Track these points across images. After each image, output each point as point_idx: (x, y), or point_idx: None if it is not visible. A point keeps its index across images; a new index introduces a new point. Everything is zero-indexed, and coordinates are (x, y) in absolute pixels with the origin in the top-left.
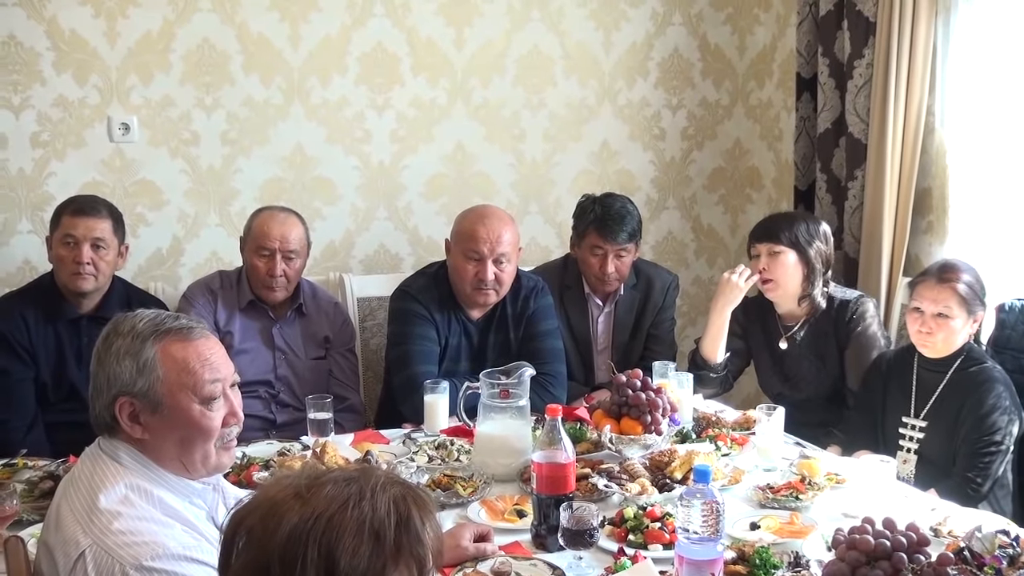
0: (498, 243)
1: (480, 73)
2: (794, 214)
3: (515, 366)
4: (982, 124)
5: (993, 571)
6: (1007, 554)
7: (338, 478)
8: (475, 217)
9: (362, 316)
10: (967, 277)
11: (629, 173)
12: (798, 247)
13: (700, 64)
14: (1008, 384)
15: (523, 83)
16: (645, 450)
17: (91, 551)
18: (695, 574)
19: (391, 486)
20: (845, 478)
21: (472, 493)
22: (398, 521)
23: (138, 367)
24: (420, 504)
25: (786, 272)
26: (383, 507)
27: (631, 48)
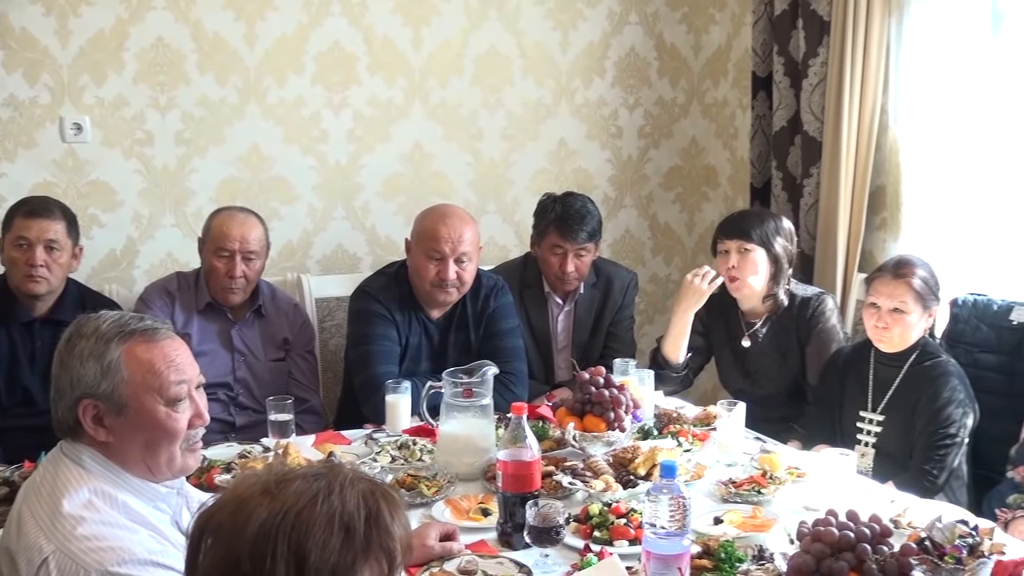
0: (459, 242)
1: (438, 72)
2: (762, 212)
3: (478, 365)
4: (935, 122)
5: (953, 560)
6: (967, 543)
7: (306, 474)
8: (436, 216)
9: (321, 317)
10: (922, 272)
11: (586, 172)
12: (767, 245)
13: (656, 63)
14: (962, 378)
15: (481, 82)
16: (608, 447)
17: (54, 557)
18: (662, 569)
19: (359, 481)
20: (806, 472)
21: (436, 492)
22: (368, 515)
23: (102, 369)
24: (389, 499)
25: (755, 270)
26: (352, 501)
27: (588, 47)
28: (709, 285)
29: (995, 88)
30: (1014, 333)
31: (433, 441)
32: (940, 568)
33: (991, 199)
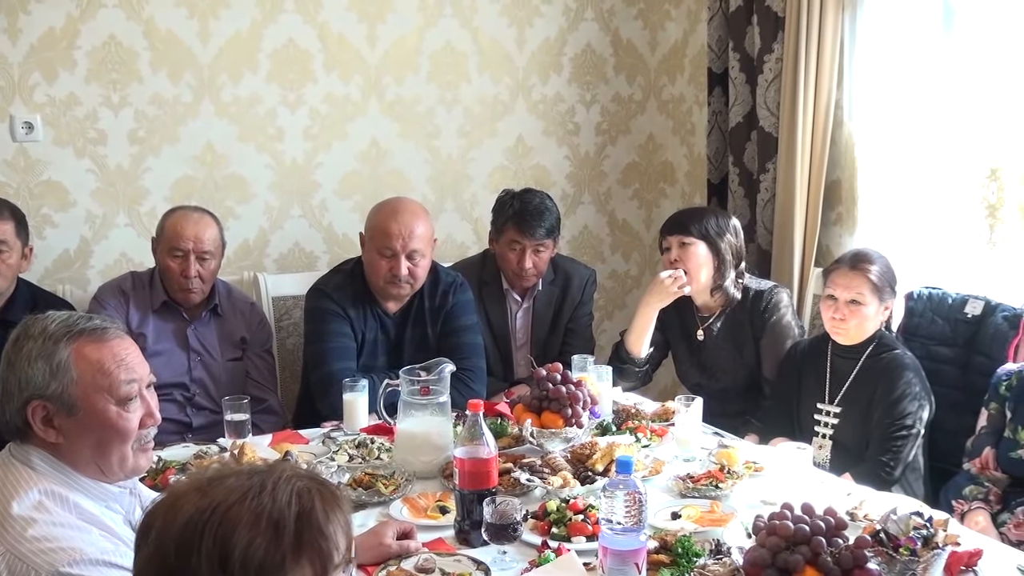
0: (411, 238)
1: (393, 70)
2: (703, 208)
3: (435, 362)
4: (889, 116)
5: (908, 552)
6: (921, 535)
7: (243, 471)
8: (388, 212)
9: (278, 315)
10: (879, 265)
11: (544, 168)
12: (708, 239)
13: (613, 59)
14: (918, 370)
15: (437, 79)
16: (566, 443)
17: (5, 559)
18: (619, 564)
19: (297, 479)
20: (763, 466)
21: (394, 491)
22: (299, 513)
23: (51, 369)
24: (326, 498)
25: (697, 263)
26: (284, 499)
27: (544, 44)
28: (679, 289)
29: (947, 83)
30: (968, 326)
31: (391, 439)
32: (895, 560)
33: (945, 193)
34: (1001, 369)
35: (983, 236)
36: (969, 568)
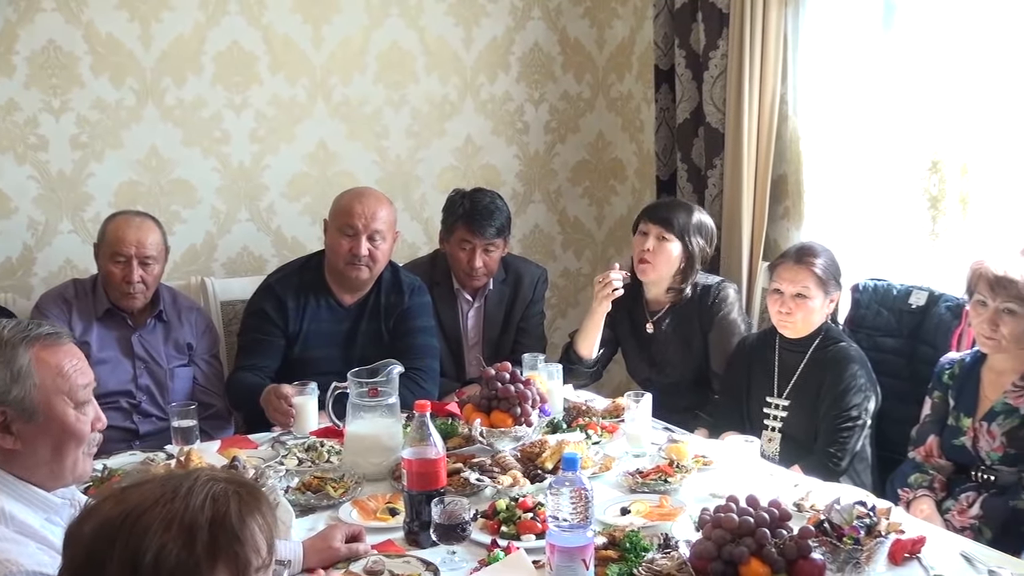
0: (373, 219)
1: (340, 71)
2: (691, 206)
3: (383, 364)
4: (832, 111)
5: (852, 541)
6: (864, 524)
7: (160, 478)
8: (352, 195)
9: (226, 320)
10: (823, 258)
11: (494, 168)
12: (685, 240)
13: (561, 58)
14: (864, 362)
15: (384, 80)
16: (516, 442)
17: None
18: (567, 561)
19: (214, 482)
20: (712, 460)
21: (343, 494)
22: (213, 517)
23: (12, 375)
24: (244, 500)
25: (668, 260)
26: (197, 503)
27: (491, 43)
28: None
29: (888, 77)
30: (913, 316)
31: (340, 442)
32: (839, 549)
33: (888, 186)
34: (944, 358)
35: (926, 228)
36: (913, 555)
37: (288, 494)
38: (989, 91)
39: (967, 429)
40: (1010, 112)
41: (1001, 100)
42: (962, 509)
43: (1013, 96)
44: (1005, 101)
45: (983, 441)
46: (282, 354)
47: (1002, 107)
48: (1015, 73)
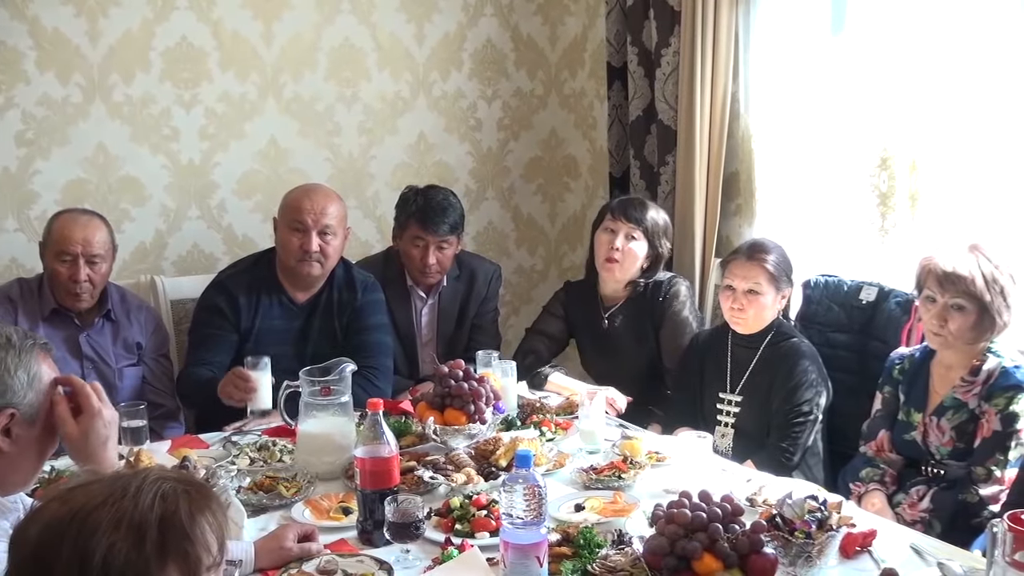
0: (323, 215)
1: (291, 67)
2: (658, 207)
3: (336, 362)
4: (783, 109)
5: (803, 535)
6: (816, 518)
7: (108, 477)
8: (301, 192)
9: (177, 319)
10: (775, 254)
11: (447, 165)
12: (653, 241)
13: (513, 55)
14: (815, 357)
15: (335, 77)
16: (470, 440)
17: None
18: (520, 558)
19: (163, 481)
20: (666, 455)
21: (296, 493)
22: (162, 516)
23: (29, 379)
24: (193, 499)
25: (635, 259)
26: (146, 502)
27: (444, 39)
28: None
29: (838, 75)
30: (863, 312)
31: (293, 441)
32: (791, 543)
33: (839, 183)
34: (894, 353)
35: (876, 224)
36: (864, 548)
37: (240, 494)
38: (937, 89)
39: (917, 424)
40: (958, 109)
41: (949, 98)
42: (912, 503)
43: (961, 93)
44: (953, 99)
45: (933, 436)
46: (234, 350)
47: (950, 104)
48: (963, 71)
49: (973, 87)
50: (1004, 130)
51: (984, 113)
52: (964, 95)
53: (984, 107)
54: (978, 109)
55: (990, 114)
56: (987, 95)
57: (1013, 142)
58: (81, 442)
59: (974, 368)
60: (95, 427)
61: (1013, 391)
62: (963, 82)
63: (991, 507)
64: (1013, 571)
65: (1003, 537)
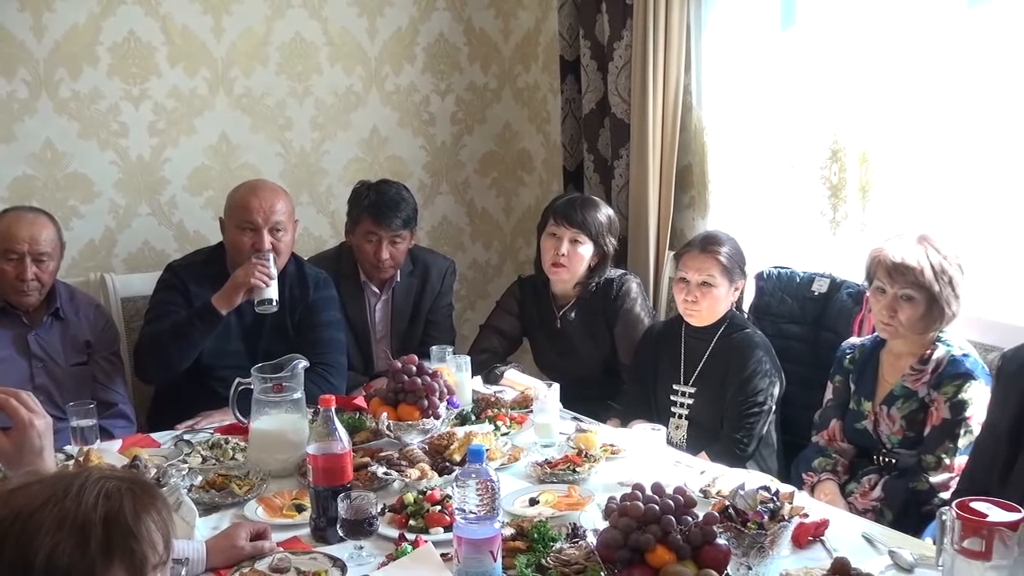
0: (272, 212)
1: (241, 62)
2: (600, 203)
3: (288, 359)
4: (735, 102)
5: (756, 526)
6: (768, 509)
7: (49, 477)
8: (247, 190)
9: (127, 317)
10: (728, 247)
11: (400, 159)
12: (598, 242)
13: (466, 48)
14: (768, 348)
15: (287, 71)
16: (424, 435)
17: None
18: (474, 553)
19: (106, 480)
20: (621, 448)
21: (248, 491)
22: (107, 515)
23: None
24: (138, 497)
25: (581, 262)
26: (90, 501)
27: (396, 34)
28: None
29: (789, 68)
30: (816, 303)
31: (245, 439)
32: (743, 534)
33: (791, 175)
34: (845, 343)
35: (827, 215)
36: (816, 538)
37: (192, 492)
38: (886, 81)
39: (868, 413)
40: (907, 101)
41: (898, 90)
42: (864, 491)
43: (909, 86)
44: (902, 91)
45: (883, 425)
46: None
47: (899, 96)
48: (911, 64)
49: (921, 79)
50: (952, 121)
51: (932, 105)
52: (912, 87)
53: (932, 99)
54: (926, 101)
55: (938, 106)
56: (935, 87)
57: (961, 133)
58: (15, 455)
59: (923, 357)
60: (29, 438)
61: (962, 379)
62: (911, 75)
63: (941, 495)
64: (962, 558)
65: (952, 524)
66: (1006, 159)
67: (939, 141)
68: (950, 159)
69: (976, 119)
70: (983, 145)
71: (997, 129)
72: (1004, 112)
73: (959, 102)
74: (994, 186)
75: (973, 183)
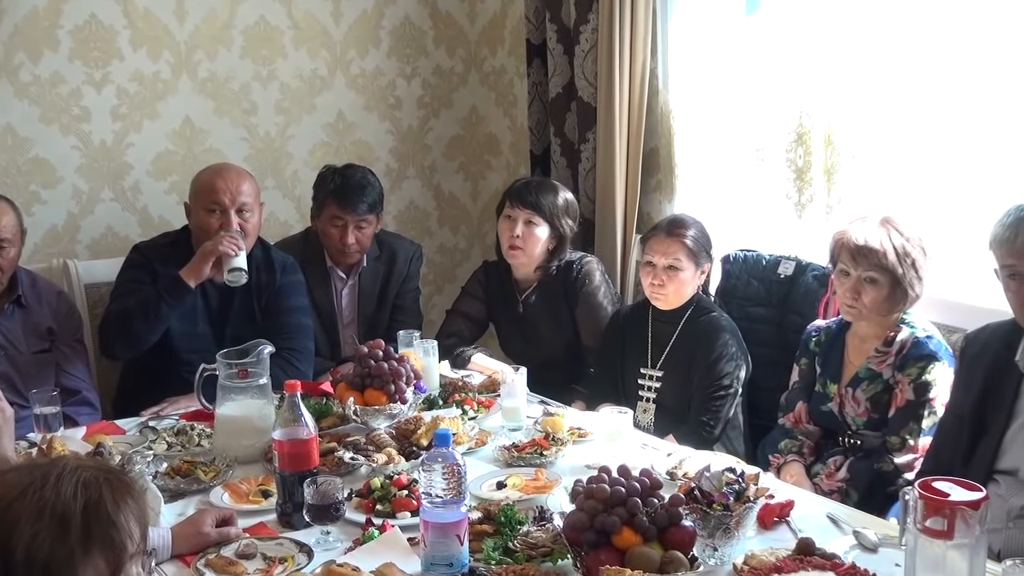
0: (238, 192)
1: (205, 45)
2: (556, 186)
3: (253, 344)
4: (702, 85)
5: (721, 507)
6: (733, 490)
7: (24, 466)
8: (212, 172)
9: (91, 303)
10: (694, 230)
11: (367, 144)
12: (554, 223)
13: (432, 32)
14: (734, 332)
15: (251, 55)
16: (391, 420)
17: None
18: (440, 537)
19: (83, 470)
20: (588, 431)
21: (214, 477)
22: (86, 505)
23: None
24: (115, 487)
25: (537, 244)
26: (69, 491)
27: (361, 17)
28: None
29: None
30: (782, 286)
31: (211, 425)
32: (709, 516)
33: (757, 158)
34: (811, 325)
35: (792, 198)
36: (782, 519)
37: (157, 479)
38: (850, 65)
39: (833, 395)
40: (870, 84)
41: (862, 73)
42: (830, 473)
43: (873, 69)
44: (865, 74)
45: (848, 407)
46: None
47: (863, 79)
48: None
49: (884, 62)
50: (915, 104)
51: (895, 87)
52: (875, 70)
53: (895, 81)
54: (889, 84)
55: (901, 88)
56: (897, 70)
57: (924, 115)
58: None
59: (888, 339)
60: None
61: (926, 361)
62: (874, 58)
63: (906, 475)
64: (924, 537)
65: (915, 504)
66: (969, 141)
67: (903, 124)
68: (914, 142)
69: (939, 101)
70: (946, 127)
71: (959, 111)
72: (966, 94)
73: (922, 85)
74: (957, 168)
75: (936, 165)
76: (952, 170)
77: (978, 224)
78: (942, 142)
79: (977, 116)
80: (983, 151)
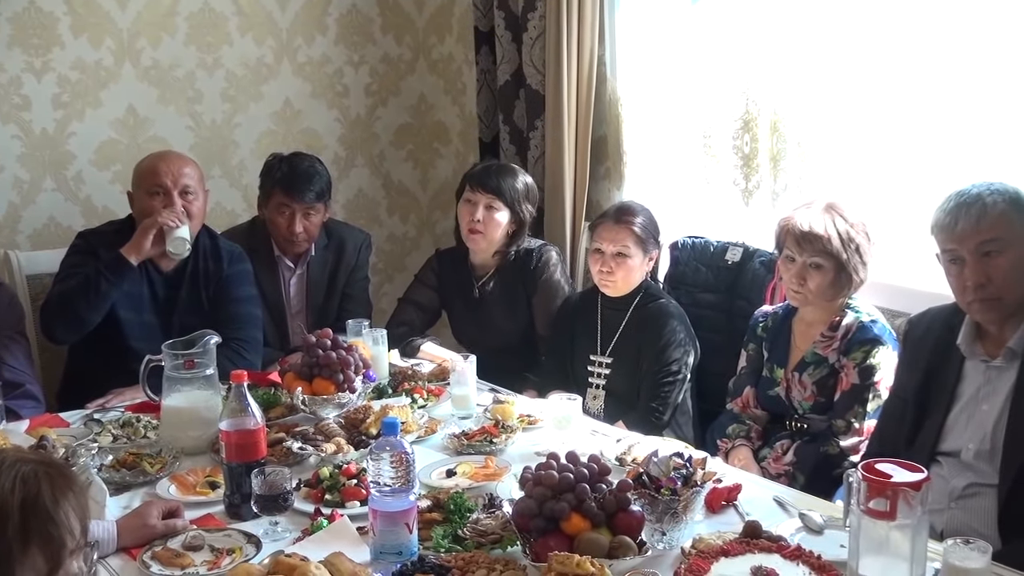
0: (181, 175)
1: (148, 32)
2: (517, 171)
3: (199, 335)
4: (649, 73)
5: (669, 492)
6: (681, 475)
7: None
8: (153, 157)
9: (33, 295)
10: (642, 217)
11: (315, 132)
12: (514, 208)
13: (380, 19)
14: (683, 318)
15: (196, 42)
16: (340, 409)
17: None
18: (390, 526)
19: (22, 463)
20: (538, 419)
21: (161, 469)
22: (24, 500)
23: None
24: (55, 481)
25: (498, 228)
26: (7, 486)
27: (308, 4)
28: None
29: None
30: (729, 272)
31: (157, 417)
32: (657, 500)
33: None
34: (758, 311)
35: (740, 185)
36: (729, 503)
37: (102, 472)
38: (794, 52)
39: (780, 380)
40: (815, 71)
41: (806, 60)
42: (777, 456)
43: (817, 56)
44: (810, 61)
45: (795, 391)
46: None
47: (807, 66)
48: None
49: (828, 49)
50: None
51: (839, 73)
52: (819, 56)
53: (839, 68)
54: (833, 70)
55: (845, 74)
56: (841, 56)
57: (868, 102)
58: None
59: (833, 324)
60: None
61: (870, 345)
62: (818, 44)
63: (852, 458)
64: (868, 518)
65: (858, 486)
66: (911, 128)
67: (847, 111)
68: (857, 128)
69: (882, 88)
70: (889, 114)
71: (902, 99)
72: (909, 82)
73: (866, 72)
74: (900, 154)
75: (880, 152)
76: (895, 156)
77: (920, 210)
78: (885, 129)
79: (919, 103)
80: (925, 138)
